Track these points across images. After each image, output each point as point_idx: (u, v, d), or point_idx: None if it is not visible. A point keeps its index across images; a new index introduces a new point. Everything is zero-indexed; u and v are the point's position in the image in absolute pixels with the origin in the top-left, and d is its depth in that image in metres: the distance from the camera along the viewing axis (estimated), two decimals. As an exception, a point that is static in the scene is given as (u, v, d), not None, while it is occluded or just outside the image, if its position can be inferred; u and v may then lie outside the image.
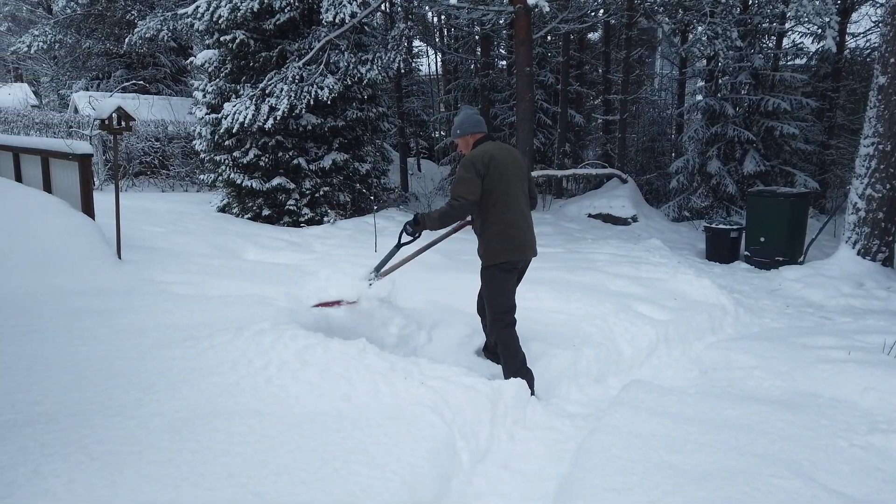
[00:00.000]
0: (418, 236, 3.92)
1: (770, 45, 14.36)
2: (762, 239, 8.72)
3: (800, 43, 14.83)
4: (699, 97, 14.83)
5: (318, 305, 4.10)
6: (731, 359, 4.58)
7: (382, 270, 4.22)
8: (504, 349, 3.86)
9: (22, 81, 30.99)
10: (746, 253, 8.98)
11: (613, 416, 3.31)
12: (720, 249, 9.18)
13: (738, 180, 12.86)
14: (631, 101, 16.69)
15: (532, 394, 3.75)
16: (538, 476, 3.00)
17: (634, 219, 11.74)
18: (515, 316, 3.93)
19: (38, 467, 2.15)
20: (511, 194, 3.75)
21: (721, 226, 9.16)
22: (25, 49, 17.48)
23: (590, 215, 12.15)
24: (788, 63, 14.96)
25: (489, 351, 4.25)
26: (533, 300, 5.40)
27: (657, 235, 10.31)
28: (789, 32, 14.80)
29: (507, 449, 3.22)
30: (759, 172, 12.60)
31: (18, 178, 7.02)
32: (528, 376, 3.80)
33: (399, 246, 4.11)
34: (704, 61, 14.45)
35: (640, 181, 15.07)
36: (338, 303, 4.12)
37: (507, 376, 3.78)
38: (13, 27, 26.69)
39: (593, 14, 15.22)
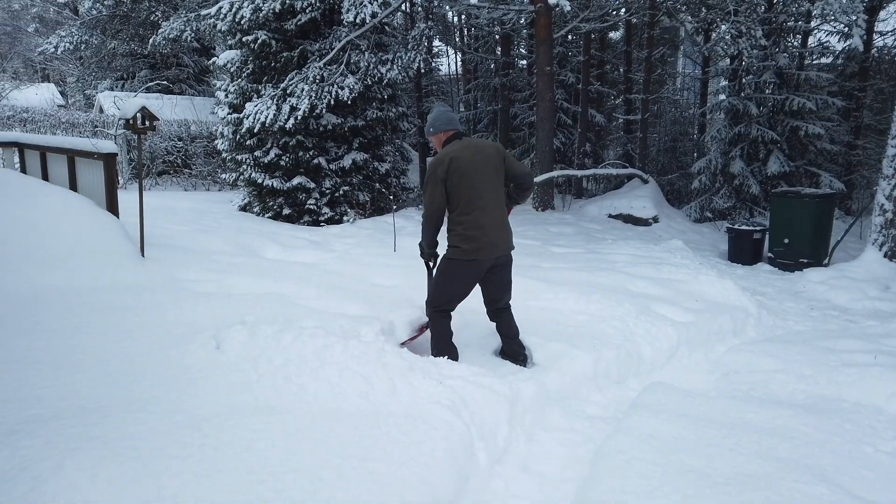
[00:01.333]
0: (435, 258, 4.11)
1: (795, 43, 14.15)
2: (786, 240, 8.59)
3: (826, 41, 14.57)
4: (722, 97, 14.65)
5: (405, 343, 4.40)
6: (754, 361, 4.52)
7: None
8: (433, 329, 4.03)
9: (49, 82, 31.58)
10: (770, 255, 8.85)
11: (633, 419, 3.29)
12: (743, 251, 9.07)
13: (761, 181, 12.69)
14: (652, 100, 16.53)
15: None
16: (557, 478, 2.98)
17: (656, 219, 11.64)
18: (495, 312, 4.15)
19: (62, 461, 2.18)
20: (475, 195, 3.75)
21: (744, 227, 9.05)
22: (52, 50, 17.82)
23: (610, 216, 12.06)
24: (814, 62, 14.72)
25: (506, 353, 4.24)
26: (552, 300, 5.37)
27: (679, 236, 10.21)
28: (815, 31, 14.56)
29: (525, 450, 3.20)
30: (783, 173, 12.42)
31: (45, 177, 7.15)
32: (454, 354, 3.98)
33: (431, 272, 4.20)
34: (728, 60, 14.27)
35: (661, 181, 14.92)
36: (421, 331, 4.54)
37: (434, 354, 3.93)
38: (40, 28, 27.20)
39: (615, 13, 15.11)
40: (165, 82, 17.17)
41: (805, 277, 7.55)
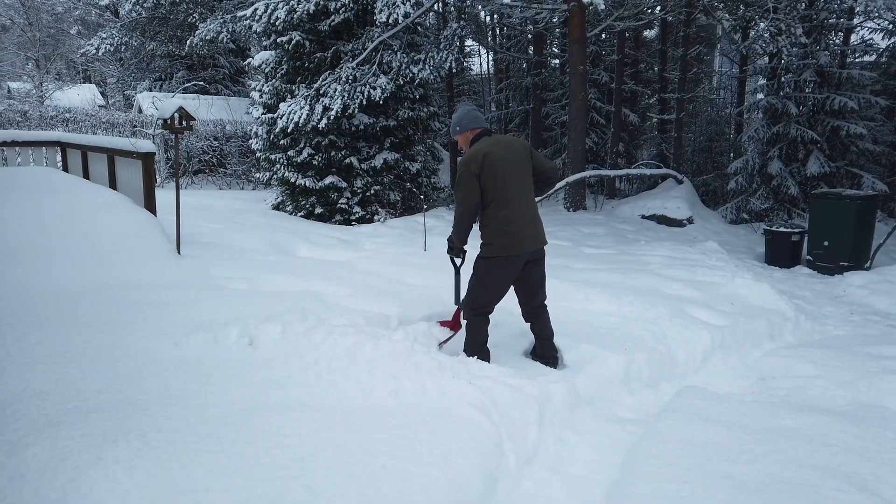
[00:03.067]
0: (463, 254, 4.06)
1: (837, 41, 13.77)
2: (826, 243, 8.38)
3: (869, 39, 14.16)
4: (760, 96, 14.33)
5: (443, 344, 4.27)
6: (791, 367, 4.42)
7: (462, 299, 4.28)
8: (470, 330, 3.98)
9: (90, 83, 32.41)
10: (809, 257, 8.65)
11: (666, 423, 3.24)
12: (780, 253, 8.87)
13: (800, 182, 12.39)
14: (688, 99, 16.27)
15: None
16: (587, 481, 2.95)
17: (690, 220, 11.45)
18: (532, 312, 4.08)
19: (100, 453, 2.24)
20: (508, 190, 3.75)
21: (782, 228, 8.85)
22: (93, 51, 18.28)
23: (643, 216, 11.90)
24: (857, 60, 14.31)
25: (538, 354, 4.22)
26: (584, 302, 5.33)
27: (714, 238, 10.03)
28: (858, 28, 14.16)
29: (555, 452, 3.18)
30: (823, 174, 12.11)
31: (86, 175, 7.34)
32: (486, 357, 3.95)
33: (458, 270, 4.19)
34: (766, 59, 13.96)
35: (696, 182, 14.66)
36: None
37: (467, 354, 3.90)
38: (82, 30, 27.92)
39: (650, 11, 14.90)
40: (202, 83, 17.45)
41: (845, 281, 7.36)
